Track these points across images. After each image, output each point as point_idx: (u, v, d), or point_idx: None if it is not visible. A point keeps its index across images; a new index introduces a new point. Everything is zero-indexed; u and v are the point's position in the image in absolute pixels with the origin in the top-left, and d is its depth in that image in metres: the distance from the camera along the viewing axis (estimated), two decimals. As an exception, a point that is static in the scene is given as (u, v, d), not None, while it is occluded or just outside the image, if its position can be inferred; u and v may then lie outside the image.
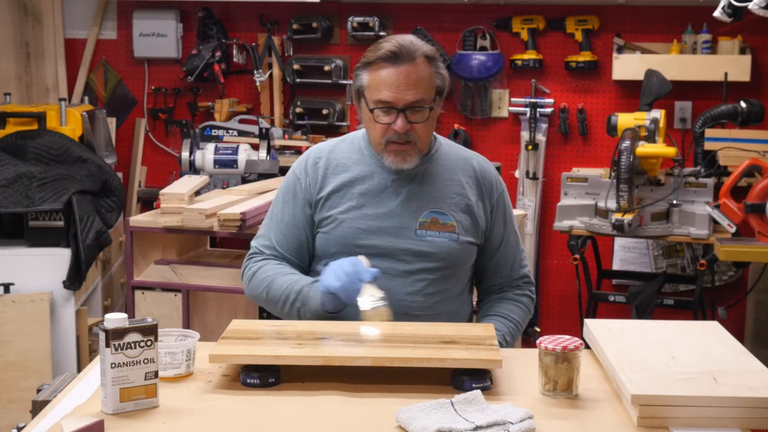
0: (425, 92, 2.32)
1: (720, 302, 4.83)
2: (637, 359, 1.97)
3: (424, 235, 2.39)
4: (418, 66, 2.32)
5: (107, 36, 5.27)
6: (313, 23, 4.97)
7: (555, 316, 5.12)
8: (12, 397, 3.82)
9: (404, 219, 2.39)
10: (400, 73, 2.31)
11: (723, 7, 3.91)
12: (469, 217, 2.43)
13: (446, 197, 2.42)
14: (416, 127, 2.34)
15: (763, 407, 1.79)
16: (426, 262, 2.38)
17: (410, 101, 2.31)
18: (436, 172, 2.44)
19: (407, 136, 2.34)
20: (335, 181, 2.44)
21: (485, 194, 2.47)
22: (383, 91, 2.32)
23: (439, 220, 2.40)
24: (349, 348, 2.05)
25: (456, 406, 1.81)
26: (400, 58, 2.31)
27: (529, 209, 4.91)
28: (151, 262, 4.13)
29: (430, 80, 2.34)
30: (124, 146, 5.25)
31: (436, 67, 2.35)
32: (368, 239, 2.39)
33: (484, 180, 2.48)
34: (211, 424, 1.82)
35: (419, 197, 2.41)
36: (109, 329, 1.84)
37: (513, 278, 2.54)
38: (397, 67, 2.31)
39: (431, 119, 2.37)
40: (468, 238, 2.42)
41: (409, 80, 2.30)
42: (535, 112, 4.91)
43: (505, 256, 2.52)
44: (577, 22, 4.87)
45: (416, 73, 2.31)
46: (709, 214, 4.06)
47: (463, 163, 2.48)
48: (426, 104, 2.33)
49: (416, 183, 2.42)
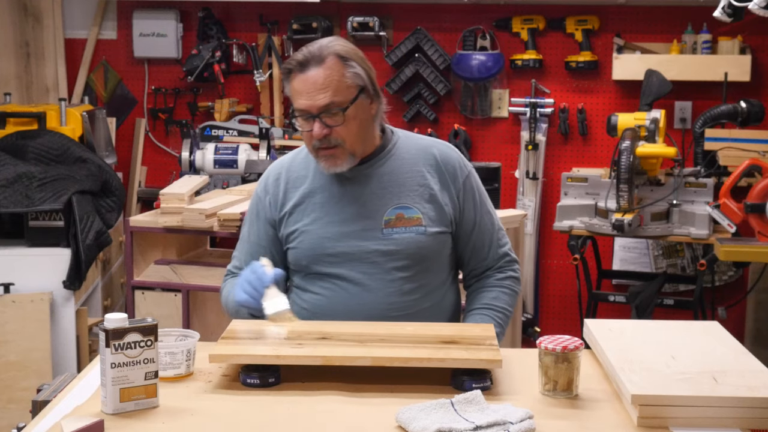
0: (336, 94, 2.27)
1: (720, 302, 4.83)
2: (637, 359, 1.97)
3: (391, 233, 2.36)
4: (327, 69, 2.27)
5: (107, 36, 5.27)
6: (313, 23, 4.97)
7: (555, 316, 5.12)
8: (12, 397, 3.82)
9: (369, 220, 2.37)
10: (308, 79, 2.27)
11: (723, 7, 3.91)
12: (434, 207, 2.39)
13: (409, 190, 2.39)
14: (337, 130, 2.29)
15: (763, 407, 1.79)
16: (396, 261, 2.36)
17: (322, 105, 2.27)
18: (395, 167, 2.41)
19: (330, 141, 2.30)
20: (296, 195, 2.43)
21: (449, 181, 2.42)
22: (298, 99, 2.30)
23: (404, 215, 2.37)
24: (349, 348, 2.05)
25: (456, 406, 1.81)
26: (308, 63, 2.28)
27: (529, 209, 4.91)
28: (151, 262, 4.13)
29: (342, 81, 2.28)
30: (124, 146, 5.25)
31: (350, 66, 2.29)
32: (336, 246, 2.37)
33: (447, 166, 2.44)
34: (211, 424, 1.82)
35: (381, 195, 2.38)
36: (109, 329, 1.84)
37: (493, 259, 2.50)
38: (306, 73, 2.28)
39: (354, 119, 2.30)
40: (436, 229, 2.39)
41: (316, 85, 2.26)
42: (535, 112, 4.91)
43: (481, 239, 2.47)
44: (577, 22, 4.87)
45: (324, 77, 2.26)
46: (709, 214, 4.06)
47: (423, 152, 2.44)
48: (338, 106, 2.27)
49: (376, 181, 2.39)
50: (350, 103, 2.29)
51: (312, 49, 2.30)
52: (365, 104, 2.34)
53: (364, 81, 2.32)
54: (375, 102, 2.37)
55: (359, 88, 2.31)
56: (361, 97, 2.32)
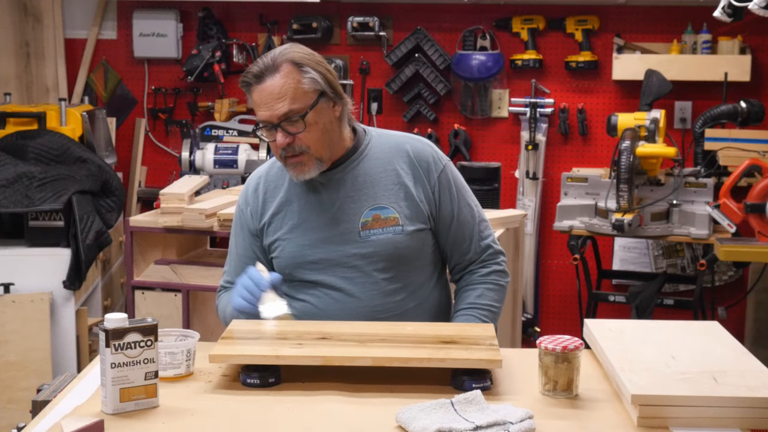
0: (294, 102, 2.26)
1: (720, 302, 4.83)
2: (637, 359, 1.97)
3: (368, 236, 2.35)
4: (282, 77, 2.26)
5: (107, 36, 5.27)
6: (313, 23, 4.97)
7: (555, 316, 5.12)
8: (12, 397, 3.82)
9: (346, 224, 2.36)
10: (265, 90, 2.26)
11: (723, 7, 3.91)
12: (410, 204, 2.37)
13: (384, 190, 2.37)
14: (300, 137, 2.27)
15: (763, 407, 1.79)
16: (376, 263, 2.35)
17: (281, 114, 2.25)
18: (369, 168, 2.39)
19: (294, 148, 2.29)
20: (274, 204, 2.43)
21: (423, 176, 2.40)
22: (258, 111, 2.29)
23: (381, 215, 2.36)
24: (349, 348, 2.05)
25: (456, 406, 1.81)
26: (263, 74, 2.27)
27: (529, 209, 4.91)
28: (151, 262, 4.13)
29: (298, 88, 2.26)
30: (124, 146, 5.25)
31: (305, 72, 2.27)
32: (315, 253, 2.37)
33: (420, 162, 2.41)
34: (211, 424, 1.82)
35: (357, 198, 2.37)
36: (109, 329, 1.84)
37: (476, 252, 2.47)
38: (262, 84, 2.26)
39: (316, 124, 2.29)
40: (414, 227, 2.37)
41: (273, 95, 2.26)
42: (535, 112, 4.91)
43: (461, 232, 2.45)
44: (577, 22, 4.87)
45: (280, 86, 2.25)
46: (709, 214, 4.06)
47: (396, 150, 2.42)
48: (297, 113, 2.26)
49: (350, 184, 2.37)
50: (309, 109, 2.27)
51: (266, 59, 2.29)
52: (327, 108, 2.31)
53: (321, 85, 2.29)
54: (338, 104, 2.34)
55: (318, 92, 2.29)
56: (321, 101, 2.29)
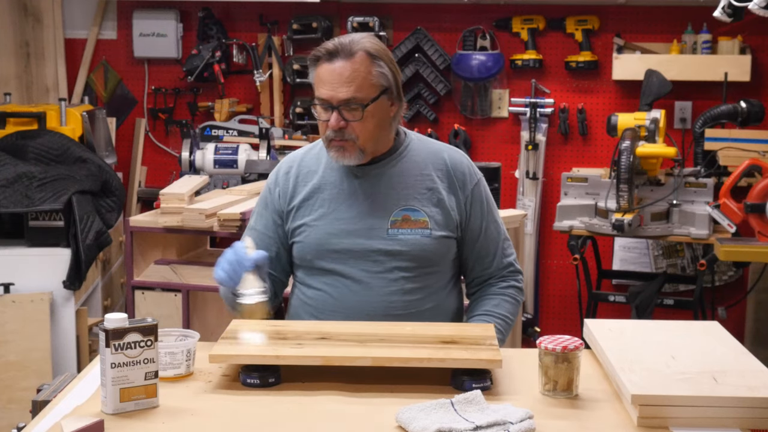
0: (359, 90, 2.28)
1: (720, 302, 4.83)
2: (637, 359, 1.97)
3: (396, 234, 2.37)
4: (355, 63, 2.28)
5: (107, 36, 5.27)
6: (313, 23, 4.97)
7: (555, 316, 5.12)
8: (12, 397, 3.82)
9: (375, 219, 2.38)
10: (335, 70, 2.29)
11: (723, 7, 3.91)
12: (441, 211, 2.40)
13: (417, 193, 2.39)
14: (353, 125, 2.30)
15: (763, 407, 1.79)
16: (399, 261, 2.37)
17: (343, 98, 2.28)
18: (405, 169, 2.41)
19: (344, 134, 2.31)
20: (306, 189, 2.44)
21: (458, 187, 2.43)
22: (320, 88, 2.32)
23: (410, 217, 2.38)
24: (349, 348, 2.05)
25: (456, 406, 1.81)
26: (337, 54, 2.29)
27: (529, 209, 4.91)
28: (151, 262, 4.13)
29: (367, 78, 2.29)
30: (124, 146, 5.25)
31: (378, 65, 2.30)
32: (340, 243, 2.38)
33: (456, 172, 2.44)
34: (211, 424, 1.82)
35: (390, 196, 2.39)
36: (109, 329, 1.84)
37: (497, 268, 2.50)
38: (333, 63, 2.29)
39: (373, 117, 2.31)
40: (442, 233, 2.39)
41: (342, 77, 2.28)
42: (535, 112, 4.91)
43: (486, 246, 2.48)
44: (577, 22, 4.87)
45: (351, 71, 2.28)
46: (709, 214, 4.06)
47: (433, 156, 2.44)
48: (359, 102, 2.28)
49: (385, 181, 2.40)
50: (371, 101, 2.30)
51: (344, 40, 2.31)
52: (386, 105, 2.35)
53: (389, 82, 2.33)
54: (396, 104, 2.37)
55: (383, 88, 2.32)
56: (383, 97, 2.33)
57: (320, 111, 2.34)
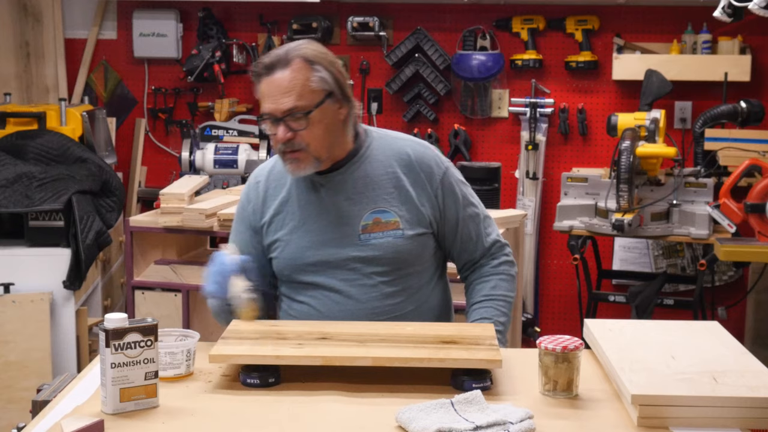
0: (300, 98, 2.24)
1: (720, 302, 4.83)
2: (637, 359, 1.97)
3: (368, 239, 2.34)
4: (292, 72, 2.24)
5: (107, 36, 5.27)
6: (313, 23, 4.97)
7: (555, 316, 5.12)
8: (12, 397, 3.82)
9: (346, 226, 2.35)
10: (273, 82, 2.25)
11: (723, 7, 3.91)
12: (411, 208, 2.36)
13: (385, 193, 2.36)
14: (301, 134, 2.26)
15: (763, 407, 1.79)
16: (375, 266, 2.35)
17: (285, 109, 2.24)
18: (370, 170, 2.37)
19: (294, 144, 2.27)
20: (275, 203, 2.42)
21: (425, 180, 2.38)
22: (264, 102, 2.28)
23: (381, 219, 2.35)
24: (349, 348, 2.05)
25: (456, 406, 1.81)
26: (274, 67, 2.25)
27: (529, 209, 4.91)
28: (151, 262, 4.13)
29: (306, 85, 2.24)
30: (124, 146, 5.25)
31: (316, 70, 2.26)
32: (314, 255, 2.36)
33: (422, 166, 2.39)
34: (211, 424, 1.82)
35: (357, 201, 2.35)
36: (109, 329, 1.84)
37: (484, 248, 2.48)
38: (272, 76, 2.25)
39: (320, 123, 2.27)
40: (415, 231, 2.36)
41: (281, 88, 2.24)
42: (535, 112, 4.90)
43: (468, 233, 2.45)
44: (577, 22, 4.87)
45: (289, 80, 2.24)
46: (709, 214, 4.06)
47: (397, 153, 2.39)
48: (301, 110, 2.24)
49: (351, 186, 2.36)
50: (315, 108, 2.25)
51: (279, 52, 2.28)
52: (332, 109, 2.30)
53: (331, 86, 2.28)
54: (345, 107, 2.32)
55: (325, 92, 2.27)
56: (328, 101, 2.28)
57: (268, 125, 2.29)
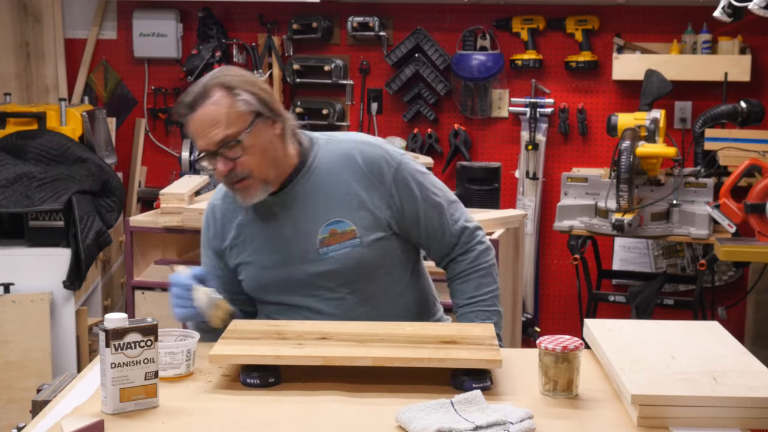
0: (228, 127, 2.19)
1: (720, 302, 4.83)
2: (637, 359, 1.97)
3: (327, 253, 2.30)
4: (214, 103, 2.20)
5: (107, 36, 5.27)
6: (313, 23, 4.97)
7: (555, 316, 5.12)
8: (12, 397, 3.82)
9: (304, 243, 2.31)
10: (198, 119, 2.20)
11: (723, 7, 3.91)
12: (366, 214, 2.31)
13: (337, 202, 2.31)
14: (241, 161, 2.21)
15: (763, 407, 1.79)
16: (339, 279, 2.31)
17: (218, 141, 2.19)
18: (319, 181, 2.32)
19: (237, 174, 2.23)
20: (232, 228, 2.39)
21: (377, 182, 2.33)
22: (196, 141, 2.24)
23: (337, 230, 2.30)
24: (349, 348, 2.05)
25: (456, 406, 1.81)
26: (195, 103, 2.21)
27: (529, 209, 4.91)
28: (151, 262, 4.13)
29: (231, 112, 2.19)
30: (124, 146, 5.25)
31: (237, 95, 2.20)
32: (278, 275, 2.34)
33: (371, 167, 2.33)
34: (211, 424, 1.82)
35: (311, 214, 2.31)
36: (109, 329, 1.84)
37: (454, 237, 2.41)
38: (195, 113, 2.20)
39: (256, 146, 2.22)
40: (374, 236, 2.32)
41: (207, 122, 2.19)
42: (535, 112, 4.90)
43: (432, 225, 2.38)
44: (577, 22, 4.87)
45: (213, 112, 2.19)
46: (709, 214, 4.06)
47: (344, 158, 2.33)
48: (233, 138, 2.19)
49: (302, 201, 2.32)
50: (245, 132, 2.21)
51: (196, 88, 2.23)
52: (265, 128, 2.24)
53: (255, 106, 2.22)
54: (278, 122, 2.27)
55: (253, 114, 2.22)
56: (258, 122, 2.23)
57: (207, 162, 2.25)
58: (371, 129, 5.10)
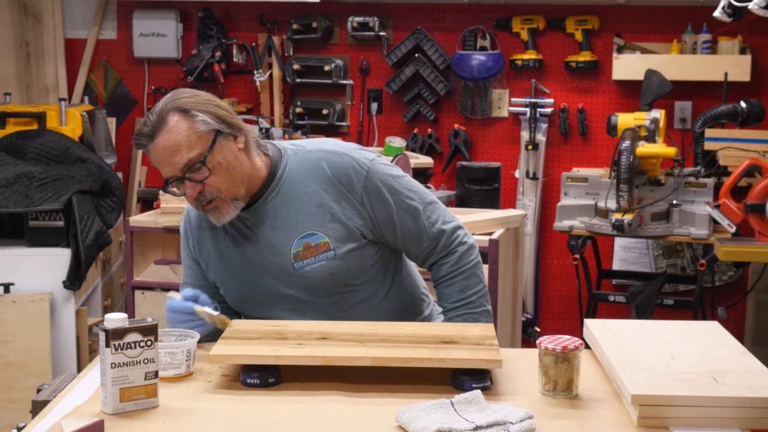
0: (190, 150, 2.17)
1: (720, 302, 4.83)
2: (637, 359, 1.97)
3: (302, 267, 2.27)
4: (172, 129, 2.17)
5: (107, 36, 5.27)
6: (313, 23, 4.97)
7: (555, 316, 5.12)
8: (12, 397, 3.82)
9: (279, 257, 2.29)
10: (159, 146, 2.18)
11: (723, 7, 3.92)
12: (339, 225, 2.27)
13: (309, 215, 2.28)
14: (208, 183, 2.19)
15: (763, 407, 1.79)
16: (317, 293, 2.30)
17: (182, 165, 2.17)
18: (289, 194, 2.29)
19: (206, 196, 2.21)
20: (209, 243, 2.38)
21: (346, 191, 2.28)
22: (161, 169, 2.22)
23: (311, 243, 2.27)
24: (349, 348, 2.05)
25: (456, 406, 1.81)
26: (153, 132, 2.18)
27: (529, 209, 4.91)
28: (151, 262, 4.13)
29: (190, 134, 2.17)
30: (124, 146, 5.25)
31: (193, 116, 2.18)
32: (256, 291, 2.33)
33: (340, 178, 2.28)
34: (211, 424, 1.82)
35: (284, 228, 2.28)
36: (109, 329, 1.84)
37: (432, 240, 2.35)
38: (155, 141, 2.18)
39: (221, 165, 2.20)
40: (348, 247, 2.28)
41: (168, 149, 2.17)
42: (535, 112, 4.91)
43: (408, 229, 2.32)
44: (577, 22, 4.87)
45: (173, 137, 2.16)
46: (709, 214, 4.06)
47: (313, 169, 2.29)
48: (197, 160, 2.17)
49: (273, 215, 2.29)
50: (208, 152, 2.18)
51: (152, 117, 2.20)
52: (227, 145, 2.22)
53: (213, 125, 2.20)
54: (239, 136, 2.24)
55: (213, 132, 2.20)
56: (219, 140, 2.20)
57: (176, 189, 2.24)
58: (371, 129, 5.11)
